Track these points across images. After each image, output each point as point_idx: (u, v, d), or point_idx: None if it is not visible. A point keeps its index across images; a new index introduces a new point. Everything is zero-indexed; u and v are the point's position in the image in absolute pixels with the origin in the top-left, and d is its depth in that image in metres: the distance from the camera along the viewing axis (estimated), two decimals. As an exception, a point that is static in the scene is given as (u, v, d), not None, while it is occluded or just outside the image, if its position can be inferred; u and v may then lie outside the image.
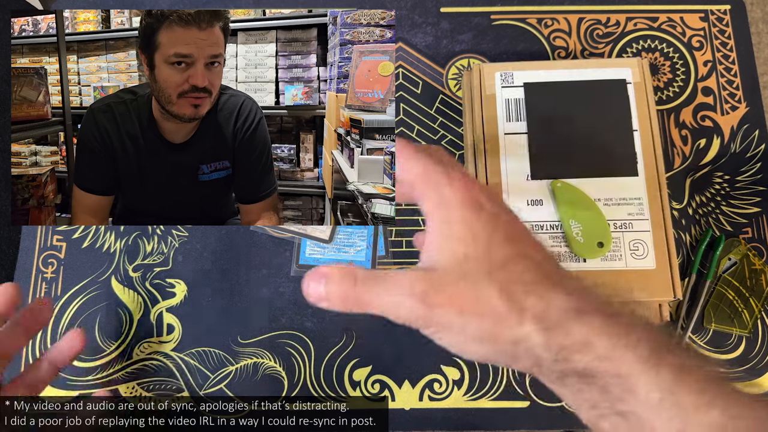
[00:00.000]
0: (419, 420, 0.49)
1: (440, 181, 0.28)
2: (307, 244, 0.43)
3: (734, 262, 0.52)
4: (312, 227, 0.43)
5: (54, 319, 0.51)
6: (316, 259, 0.50)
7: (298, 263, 0.45)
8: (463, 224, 0.27)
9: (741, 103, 0.58)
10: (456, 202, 0.27)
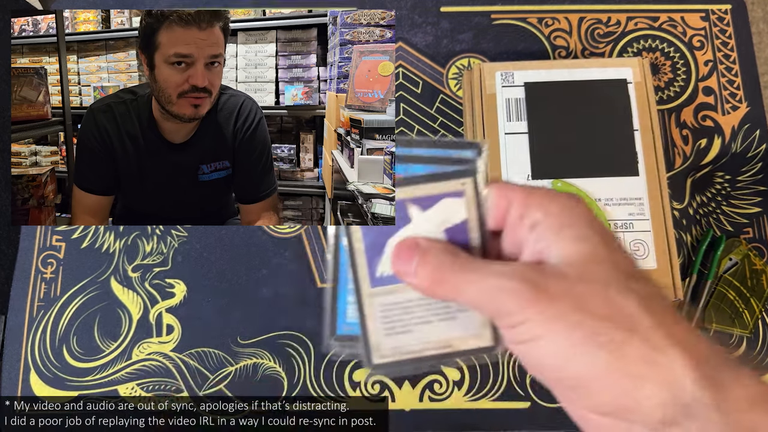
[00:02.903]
0: (419, 420, 0.49)
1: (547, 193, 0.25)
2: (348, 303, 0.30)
3: (735, 263, 0.52)
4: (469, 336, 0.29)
5: (53, 320, 0.51)
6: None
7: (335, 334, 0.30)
8: (586, 224, 0.24)
9: (742, 103, 0.57)
10: (572, 207, 0.25)
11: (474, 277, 0.24)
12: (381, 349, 0.28)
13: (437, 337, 0.28)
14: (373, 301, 0.28)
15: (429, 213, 0.28)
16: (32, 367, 0.50)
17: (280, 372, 0.50)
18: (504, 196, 0.26)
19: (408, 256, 0.26)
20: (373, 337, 0.28)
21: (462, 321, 0.28)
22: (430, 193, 0.28)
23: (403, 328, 0.28)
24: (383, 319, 0.28)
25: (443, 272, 0.25)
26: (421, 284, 0.26)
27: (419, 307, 0.28)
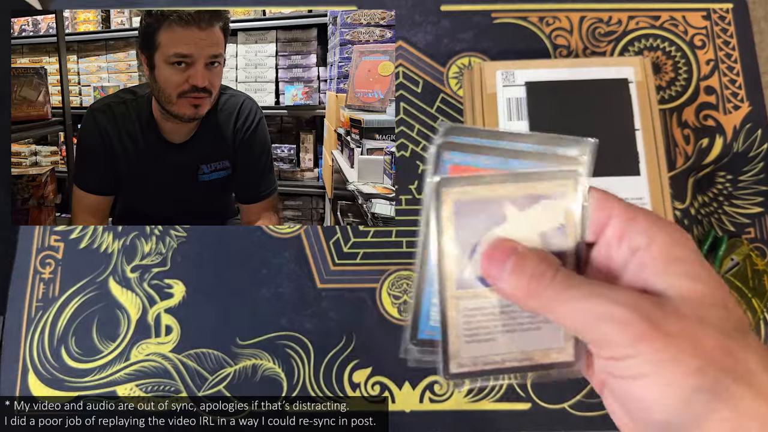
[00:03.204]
0: (420, 422, 0.48)
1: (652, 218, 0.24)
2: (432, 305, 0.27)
3: (737, 263, 0.52)
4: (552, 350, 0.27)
5: (52, 320, 0.51)
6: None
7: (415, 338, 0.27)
8: (697, 261, 0.23)
9: (743, 103, 0.57)
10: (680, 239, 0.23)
11: (576, 295, 0.22)
12: (460, 357, 0.26)
13: (519, 349, 0.26)
14: (458, 305, 0.26)
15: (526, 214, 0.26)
16: (30, 367, 0.49)
17: (279, 373, 0.49)
18: (605, 208, 0.25)
19: (501, 260, 0.24)
20: (454, 344, 0.26)
21: (546, 333, 0.26)
22: (529, 193, 0.26)
23: (485, 336, 0.26)
24: (466, 324, 0.26)
25: (541, 284, 0.23)
26: (513, 292, 0.24)
27: (504, 314, 0.26)
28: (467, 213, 0.26)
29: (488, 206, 0.26)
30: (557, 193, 0.26)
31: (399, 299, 0.52)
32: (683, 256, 0.23)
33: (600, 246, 0.25)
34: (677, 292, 0.22)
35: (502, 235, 0.26)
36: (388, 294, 0.52)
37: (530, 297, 0.23)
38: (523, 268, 0.24)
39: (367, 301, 0.51)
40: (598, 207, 0.25)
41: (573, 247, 0.26)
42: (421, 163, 0.56)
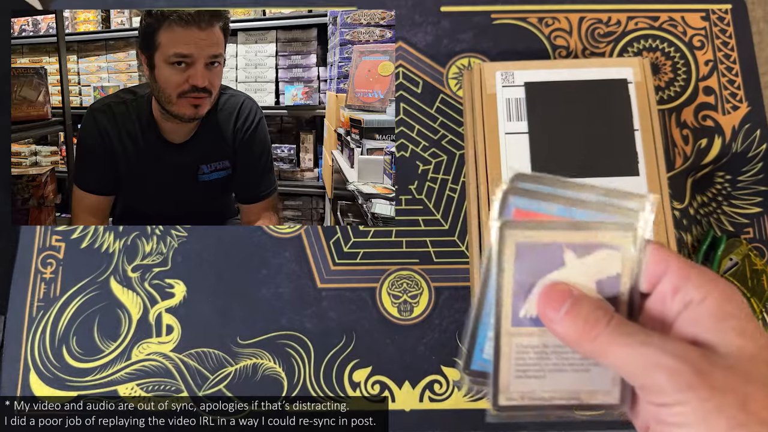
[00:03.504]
0: (419, 421, 0.49)
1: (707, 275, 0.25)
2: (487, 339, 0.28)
3: (735, 263, 0.52)
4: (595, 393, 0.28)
5: (53, 320, 0.51)
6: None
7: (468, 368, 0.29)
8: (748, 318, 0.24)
9: (742, 103, 0.57)
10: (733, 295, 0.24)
11: (629, 342, 0.24)
12: (509, 390, 0.27)
13: (567, 388, 0.27)
14: (511, 341, 0.27)
15: (584, 261, 0.27)
16: (32, 367, 0.50)
17: (279, 372, 0.50)
18: (662, 261, 0.26)
19: (558, 302, 0.26)
20: (504, 377, 0.27)
21: (594, 375, 0.27)
22: (589, 241, 0.27)
23: (535, 373, 0.27)
24: (517, 360, 0.27)
25: (595, 328, 0.24)
26: (567, 334, 0.25)
27: (555, 354, 0.27)
28: (528, 255, 0.27)
29: (548, 251, 0.27)
30: (616, 243, 0.27)
31: (399, 299, 0.52)
32: (734, 313, 0.24)
33: (654, 297, 0.26)
34: (727, 347, 0.23)
35: (560, 279, 0.27)
36: (388, 294, 0.52)
37: (583, 340, 0.25)
38: (578, 312, 0.25)
39: (367, 300, 0.51)
40: (655, 260, 0.26)
41: (627, 295, 0.27)
42: (421, 164, 0.56)
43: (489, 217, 0.28)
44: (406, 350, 0.50)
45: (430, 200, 0.55)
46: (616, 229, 0.27)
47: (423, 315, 0.51)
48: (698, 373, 0.22)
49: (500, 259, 0.27)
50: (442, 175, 0.55)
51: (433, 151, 0.56)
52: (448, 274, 0.52)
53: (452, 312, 0.51)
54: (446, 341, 0.50)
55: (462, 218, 0.54)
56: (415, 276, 0.52)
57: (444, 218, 0.54)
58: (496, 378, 0.27)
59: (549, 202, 0.28)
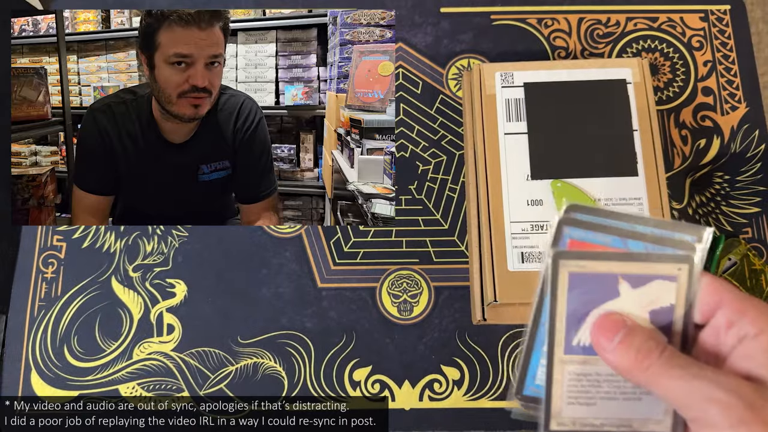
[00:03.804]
0: (419, 420, 0.49)
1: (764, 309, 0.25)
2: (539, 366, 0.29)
3: (734, 263, 0.52)
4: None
5: (54, 320, 0.51)
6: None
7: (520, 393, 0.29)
8: None
9: (741, 103, 0.58)
10: None
11: (682, 374, 0.24)
12: (561, 416, 0.28)
13: (619, 416, 0.27)
14: (564, 368, 0.28)
15: (638, 291, 0.28)
16: (33, 366, 0.50)
17: (280, 372, 0.50)
18: (717, 293, 0.26)
19: (611, 331, 0.26)
20: (556, 403, 0.28)
21: (646, 404, 0.27)
22: (644, 272, 0.28)
23: (587, 400, 0.28)
24: (569, 387, 0.28)
25: (647, 359, 0.25)
26: (620, 364, 0.26)
27: (607, 382, 0.28)
28: (581, 285, 0.28)
29: (603, 281, 0.28)
30: (671, 275, 0.28)
31: (399, 298, 0.52)
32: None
33: (708, 330, 0.26)
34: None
35: (614, 309, 0.27)
36: (388, 293, 0.52)
37: (635, 370, 0.25)
38: (631, 341, 0.25)
39: (367, 300, 0.52)
40: (710, 292, 0.27)
41: (681, 326, 0.27)
42: (421, 164, 0.56)
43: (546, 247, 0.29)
44: (406, 350, 0.50)
45: (430, 200, 0.55)
46: (672, 261, 0.28)
47: (423, 314, 0.51)
48: (751, 408, 0.22)
49: (554, 288, 0.28)
50: (441, 175, 0.56)
51: (433, 151, 0.56)
52: (448, 274, 0.52)
53: (452, 311, 0.51)
54: (446, 341, 0.51)
55: (462, 218, 0.54)
56: (415, 276, 0.52)
57: (444, 218, 0.54)
58: (548, 404, 0.28)
59: (604, 234, 0.29)
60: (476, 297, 0.48)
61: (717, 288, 0.27)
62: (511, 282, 0.45)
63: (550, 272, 0.28)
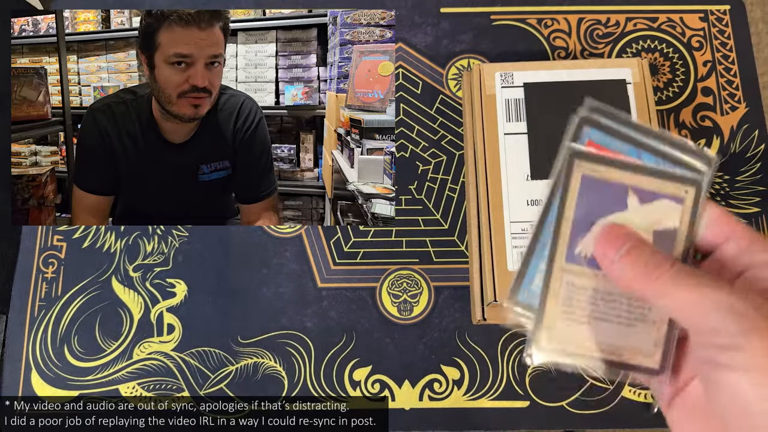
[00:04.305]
0: (419, 420, 0.49)
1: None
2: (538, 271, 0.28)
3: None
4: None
5: (54, 319, 0.51)
6: None
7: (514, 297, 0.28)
8: None
9: (741, 103, 0.58)
10: None
11: (695, 283, 0.23)
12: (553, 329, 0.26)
13: (610, 341, 0.26)
14: (563, 277, 0.26)
15: (646, 208, 0.27)
16: (33, 366, 0.50)
17: (280, 371, 0.50)
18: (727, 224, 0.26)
19: (617, 242, 0.25)
20: (549, 314, 0.26)
21: (639, 332, 0.26)
22: (654, 189, 0.27)
23: (580, 318, 0.26)
24: (565, 299, 0.26)
25: (657, 269, 0.23)
26: (624, 275, 0.24)
27: (604, 301, 0.26)
28: (592, 191, 0.27)
29: (613, 190, 0.27)
30: (678, 197, 0.27)
31: (399, 298, 0.52)
32: None
33: (713, 260, 0.26)
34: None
35: (620, 222, 0.26)
36: (388, 293, 0.52)
37: (644, 280, 0.24)
38: (640, 254, 0.24)
39: (367, 300, 0.52)
40: (720, 222, 0.26)
41: (681, 252, 0.26)
42: (421, 164, 0.56)
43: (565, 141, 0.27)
44: (405, 349, 0.50)
45: (429, 200, 0.55)
46: (681, 182, 0.27)
47: (423, 314, 0.51)
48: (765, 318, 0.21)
49: (565, 188, 0.27)
50: (441, 175, 0.56)
51: (433, 151, 0.56)
52: (448, 274, 0.52)
53: (452, 311, 0.51)
54: (446, 340, 0.51)
55: (461, 218, 0.54)
56: (415, 275, 0.52)
57: (444, 218, 0.54)
58: (541, 312, 0.26)
59: (622, 141, 0.27)
60: (476, 297, 0.48)
61: (728, 219, 0.26)
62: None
63: (564, 171, 0.27)
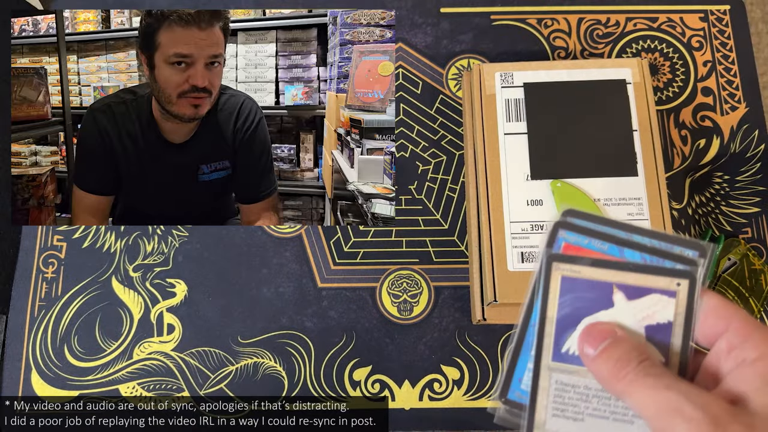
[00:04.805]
0: (419, 420, 0.49)
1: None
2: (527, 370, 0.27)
3: (734, 262, 0.52)
4: None
5: (54, 320, 0.51)
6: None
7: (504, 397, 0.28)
8: None
9: (741, 103, 0.58)
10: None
11: (653, 384, 0.23)
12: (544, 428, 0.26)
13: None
14: (551, 376, 0.26)
15: (634, 304, 0.26)
16: (33, 366, 0.50)
17: (280, 371, 0.50)
18: (725, 317, 0.25)
19: (597, 339, 0.25)
20: (540, 413, 0.26)
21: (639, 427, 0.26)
22: (641, 284, 0.26)
23: (574, 414, 0.26)
24: (556, 397, 0.26)
25: (624, 367, 0.24)
26: (599, 372, 0.25)
27: (598, 398, 0.26)
28: (574, 291, 0.27)
29: (597, 289, 0.27)
30: (670, 290, 0.26)
31: (399, 298, 0.52)
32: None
33: (711, 354, 0.25)
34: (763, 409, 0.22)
35: (606, 320, 0.26)
36: (387, 293, 0.52)
37: (613, 378, 0.24)
38: (614, 350, 0.25)
39: (367, 300, 0.52)
40: (718, 315, 0.25)
41: (679, 347, 0.26)
42: (421, 164, 0.56)
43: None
44: (405, 349, 0.50)
45: (429, 200, 0.55)
46: (671, 275, 0.26)
47: (423, 314, 0.51)
48: (714, 425, 0.21)
49: (545, 290, 0.27)
50: (441, 175, 0.56)
51: (433, 151, 0.56)
52: (448, 274, 0.52)
53: (452, 311, 0.51)
54: (446, 340, 0.51)
55: (461, 218, 0.54)
56: (415, 275, 0.52)
57: (444, 218, 0.54)
58: (532, 412, 0.26)
59: (600, 240, 0.27)
60: (476, 297, 0.48)
61: (726, 311, 0.25)
62: (511, 282, 0.45)
63: (543, 274, 0.27)
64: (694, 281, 0.26)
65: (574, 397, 0.26)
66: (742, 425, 0.22)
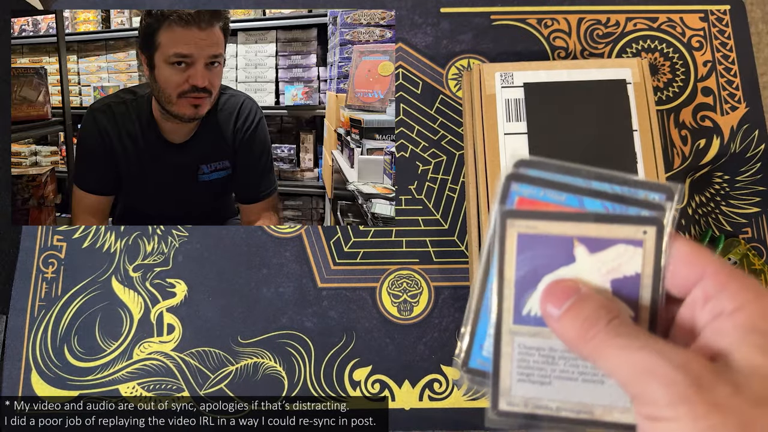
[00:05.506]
0: (419, 420, 0.49)
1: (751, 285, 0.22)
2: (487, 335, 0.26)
3: (734, 262, 0.52)
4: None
5: (55, 319, 0.51)
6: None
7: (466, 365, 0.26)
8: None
9: (741, 103, 0.58)
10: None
11: (625, 344, 0.21)
12: (511, 394, 0.25)
13: (578, 399, 0.24)
14: (513, 340, 0.25)
15: (598, 257, 0.24)
16: (33, 366, 0.50)
17: (280, 371, 0.50)
18: (698, 264, 0.23)
19: (560, 298, 0.23)
20: (505, 379, 0.25)
21: (610, 388, 0.24)
22: (604, 236, 0.24)
23: (540, 378, 0.24)
24: (520, 362, 0.25)
25: (592, 327, 0.22)
26: (565, 333, 0.23)
27: (564, 359, 0.24)
28: (532, 248, 0.25)
29: (556, 244, 0.25)
30: (636, 240, 0.24)
31: (399, 298, 0.52)
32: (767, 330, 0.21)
33: (686, 305, 0.23)
34: (747, 365, 0.20)
35: (568, 276, 0.24)
36: (387, 293, 0.52)
37: (580, 340, 0.22)
38: (580, 309, 0.23)
39: (367, 300, 0.52)
40: (690, 262, 0.23)
41: (649, 300, 0.24)
42: (421, 164, 0.56)
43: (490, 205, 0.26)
44: (405, 349, 0.50)
45: (429, 200, 0.55)
46: (636, 223, 0.24)
47: (423, 314, 0.51)
48: (697, 386, 0.19)
49: (501, 250, 0.25)
50: (441, 175, 0.56)
51: (433, 151, 0.56)
52: (448, 274, 0.52)
53: (452, 311, 0.51)
54: (446, 340, 0.51)
55: (462, 218, 0.54)
56: (415, 275, 0.52)
57: (444, 218, 0.54)
58: (496, 379, 0.25)
59: (557, 191, 0.25)
60: (476, 297, 0.48)
61: (698, 258, 0.23)
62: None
63: (498, 233, 0.25)
64: (662, 227, 0.24)
65: (539, 360, 0.24)
66: (728, 384, 0.20)
